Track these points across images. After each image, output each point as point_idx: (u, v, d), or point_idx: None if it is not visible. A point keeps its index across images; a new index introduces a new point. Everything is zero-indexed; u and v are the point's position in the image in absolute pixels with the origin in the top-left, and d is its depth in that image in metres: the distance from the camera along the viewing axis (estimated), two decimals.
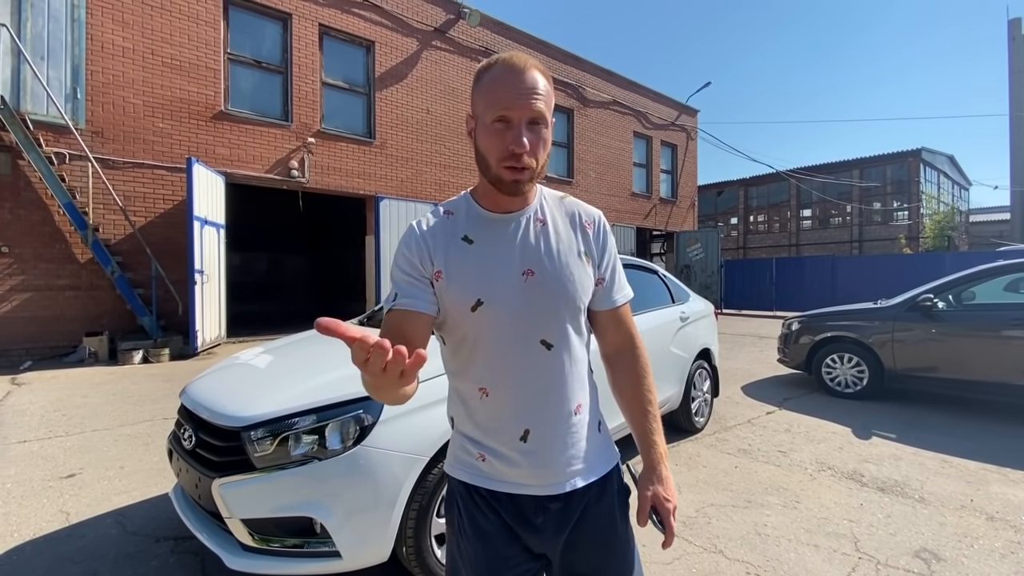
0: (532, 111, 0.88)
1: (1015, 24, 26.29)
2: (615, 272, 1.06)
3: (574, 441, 0.98)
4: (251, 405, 2.02)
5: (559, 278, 0.97)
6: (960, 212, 30.42)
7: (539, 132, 0.91)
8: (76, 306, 7.59)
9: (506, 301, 0.95)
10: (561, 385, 0.97)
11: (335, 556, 1.84)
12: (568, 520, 0.98)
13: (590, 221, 1.05)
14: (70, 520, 2.73)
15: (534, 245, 0.98)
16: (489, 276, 0.96)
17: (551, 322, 0.97)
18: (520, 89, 0.88)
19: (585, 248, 1.02)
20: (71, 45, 7.51)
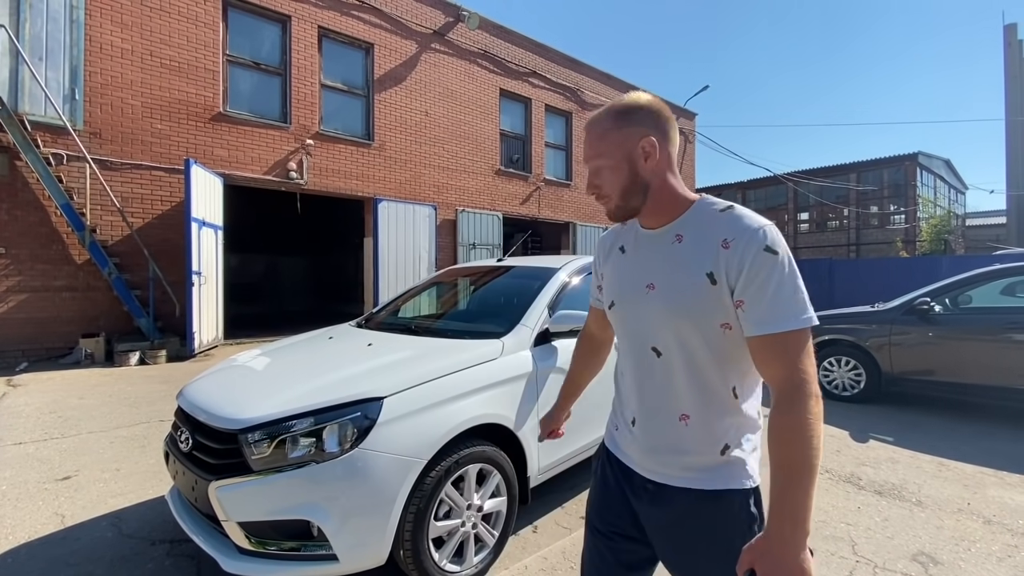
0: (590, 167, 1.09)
1: (1011, 30, 26.46)
2: (762, 294, 0.93)
3: (676, 445, 1.05)
4: (248, 407, 2.01)
5: (671, 294, 1.02)
6: (956, 216, 30.53)
7: (603, 175, 1.07)
8: (73, 307, 7.56)
9: (629, 307, 1.11)
10: (665, 391, 1.05)
11: (332, 559, 1.84)
12: (661, 508, 1.07)
13: (732, 240, 0.96)
14: (65, 523, 2.72)
15: (660, 261, 1.06)
16: (622, 283, 1.13)
17: (662, 332, 1.04)
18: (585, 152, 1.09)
19: (715, 267, 0.97)
20: (70, 46, 7.49)
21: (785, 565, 0.85)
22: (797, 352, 0.91)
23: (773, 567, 0.85)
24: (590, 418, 2.95)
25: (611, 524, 1.16)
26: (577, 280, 3.19)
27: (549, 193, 14.36)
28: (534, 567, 2.34)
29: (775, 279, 0.93)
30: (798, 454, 0.87)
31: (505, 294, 3.46)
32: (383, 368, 2.25)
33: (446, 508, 2.12)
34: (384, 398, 2.00)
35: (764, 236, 0.95)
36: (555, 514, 2.86)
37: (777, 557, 0.85)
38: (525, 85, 13.64)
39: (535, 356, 2.60)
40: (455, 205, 12.22)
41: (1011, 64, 26.29)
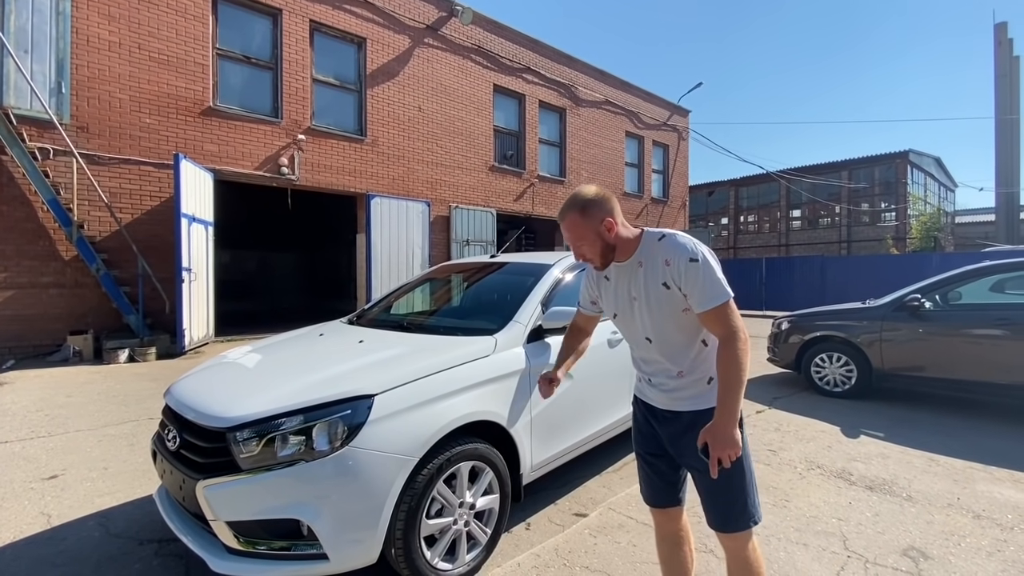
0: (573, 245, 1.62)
1: (1001, 28, 26.66)
2: (695, 288, 1.46)
3: (678, 387, 1.61)
4: (237, 405, 1.98)
5: (648, 302, 1.57)
6: (946, 213, 30.80)
7: (584, 248, 1.59)
8: (60, 304, 7.46)
9: (626, 314, 1.67)
10: (662, 361, 1.62)
11: (322, 559, 1.82)
12: (676, 428, 1.62)
13: (670, 260, 1.49)
14: (52, 522, 2.68)
15: (634, 281, 1.60)
16: (617, 300, 1.69)
17: (649, 327, 1.60)
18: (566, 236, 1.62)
19: (665, 279, 1.51)
20: (56, 39, 7.37)
21: (724, 434, 1.40)
22: (726, 316, 1.46)
23: (717, 436, 1.41)
24: (581, 418, 2.96)
25: (646, 448, 1.75)
26: (570, 276, 3.18)
27: (543, 190, 14.33)
28: (527, 564, 2.33)
29: (700, 277, 1.46)
30: (733, 375, 1.43)
31: (498, 291, 3.44)
32: (374, 365, 2.23)
33: (438, 506, 2.10)
34: (375, 395, 1.97)
35: (687, 251, 1.48)
36: (548, 511, 2.85)
37: (720, 431, 1.41)
38: (519, 81, 13.59)
39: (528, 353, 2.59)
40: (449, 201, 12.18)
41: (1001, 62, 26.50)
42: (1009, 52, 26.39)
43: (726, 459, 1.40)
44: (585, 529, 2.65)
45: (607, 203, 1.55)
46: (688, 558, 1.76)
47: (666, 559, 1.78)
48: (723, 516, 1.55)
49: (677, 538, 1.75)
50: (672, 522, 1.75)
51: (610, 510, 2.86)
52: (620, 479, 3.28)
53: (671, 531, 1.76)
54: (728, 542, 1.58)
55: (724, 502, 1.54)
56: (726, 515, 1.54)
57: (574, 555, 2.41)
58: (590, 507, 2.90)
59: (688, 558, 1.76)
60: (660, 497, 1.73)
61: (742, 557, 1.56)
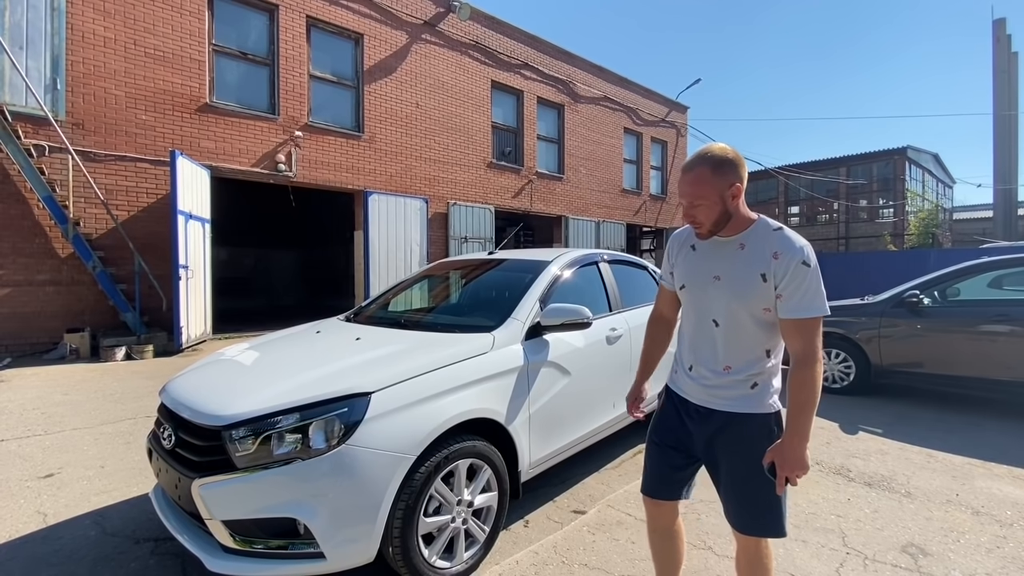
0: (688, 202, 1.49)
1: (1000, 24, 26.64)
2: (796, 292, 1.40)
3: (720, 384, 1.54)
4: (233, 403, 1.96)
5: (733, 285, 1.48)
6: (944, 210, 30.82)
7: (699, 209, 1.47)
8: (57, 302, 7.43)
9: (698, 290, 1.58)
10: (717, 349, 1.54)
11: (319, 557, 1.81)
12: (708, 427, 1.56)
13: (780, 253, 1.42)
14: (47, 521, 2.66)
15: (726, 260, 1.51)
16: (694, 273, 1.59)
17: (721, 310, 1.51)
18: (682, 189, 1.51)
19: (766, 270, 1.43)
20: (51, 34, 7.32)
21: (795, 456, 1.38)
22: (812, 332, 1.41)
23: (786, 457, 1.39)
24: (579, 416, 2.95)
25: (665, 439, 1.69)
26: (568, 273, 3.17)
27: (541, 186, 14.30)
28: (525, 562, 2.32)
29: (805, 283, 1.40)
30: (807, 396, 1.39)
31: (496, 287, 3.43)
32: (371, 363, 2.21)
33: (436, 504, 2.09)
34: (372, 393, 1.96)
35: (802, 253, 1.41)
36: (546, 508, 2.85)
37: (790, 452, 1.39)
38: (517, 77, 13.54)
39: (526, 350, 2.57)
40: (447, 198, 12.14)
41: (999, 58, 26.48)
42: (1007, 48, 26.38)
43: (794, 479, 1.39)
44: (584, 526, 2.65)
45: (741, 168, 1.46)
46: (680, 550, 1.77)
47: (658, 551, 1.79)
48: (756, 519, 1.51)
49: (670, 532, 1.76)
50: (666, 516, 1.73)
51: (609, 507, 2.85)
52: (619, 476, 3.27)
53: (664, 525, 1.75)
54: (747, 542, 1.56)
55: (757, 510, 1.50)
56: (760, 519, 1.51)
57: (572, 552, 2.40)
58: (588, 504, 2.89)
59: (680, 550, 1.77)
60: (663, 490, 1.70)
61: (757, 553, 1.56)
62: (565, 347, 2.78)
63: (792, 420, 1.41)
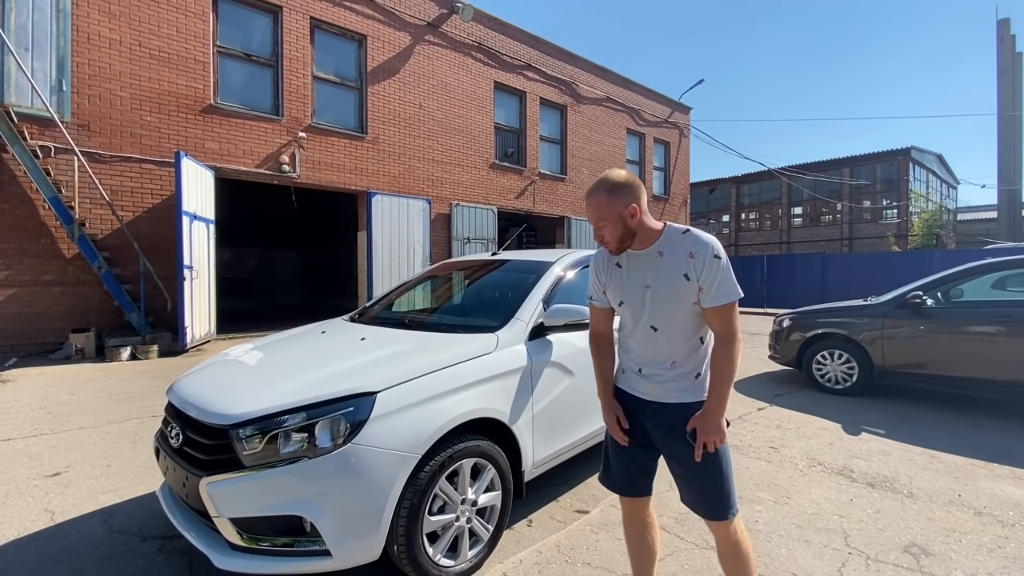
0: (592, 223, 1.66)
1: (1004, 25, 26.56)
2: (713, 283, 1.55)
3: (671, 378, 1.67)
4: (240, 403, 1.98)
5: (663, 291, 1.62)
6: (948, 210, 30.73)
7: (605, 230, 1.62)
8: (62, 302, 7.48)
9: (635, 301, 1.69)
10: (660, 350, 1.67)
11: (325, 555, 1.82)
12: (664, 419, 1.68)
13: (695, 252, 1.58)
14: (55, 519, 2.69)
15: (651, 270, 1.64)
16: (627, 287, 1.71)
17: (658, 315, 1.65)
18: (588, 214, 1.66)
19: (687, 270, 1.58)
20: (56, 36, 7.37)
21: (714, 423, 1.55)
22: (731, 315, 1.58)
23: (706, 423, 1.56)
24: (582, 415, 2.96)
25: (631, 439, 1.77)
26: (572, 274, 3.18)
27: (544, 187, 14.32)
28: (528, 560, 2.34)
29: (720, 274, 1.56)
30: (727, 369, 1.57)
31: (500, 288, 3.44)
32: (376, 363, 2.23)
33: (440, 503, 2.10)
34: (377, 393, 1.98)
35: (713, 248, 1.57)
36: (550, 507, 2.86)
37: (710, 420, 1.56)
38: (520, 78, 13.57)
39: (530, 350, 2.59)
40: (449, 199, 12.17)
41: (1004, 59, 26.41)
42: (1012, 48, 26.30)
43: (711, 445, 1.55)
44: (587, 526, 2.66)
45: (635, 190, 1.60)
46: (654, 541, 1.86)
47: (634, 543, 1.88)
48: (710, 505, 1.65)
49: (645, 523, 1.85)
50: (641, 509, 1.84)
51: (612, 507, 2.86)
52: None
53: (640, 517, 1.85)
54: (717, 528, 1.69)
55: (708, 493, 1.64)
56: (714, 504, 1.65)
57: (576, 551, 2.42)
58: (592, 504, 2.91)
59: (654, 541, 1.86)
60: (633, 487, 1.81)
61: (732, 540, 1.68)
62: (568, 347, 2.79)
63: (712, 391, 1.58)
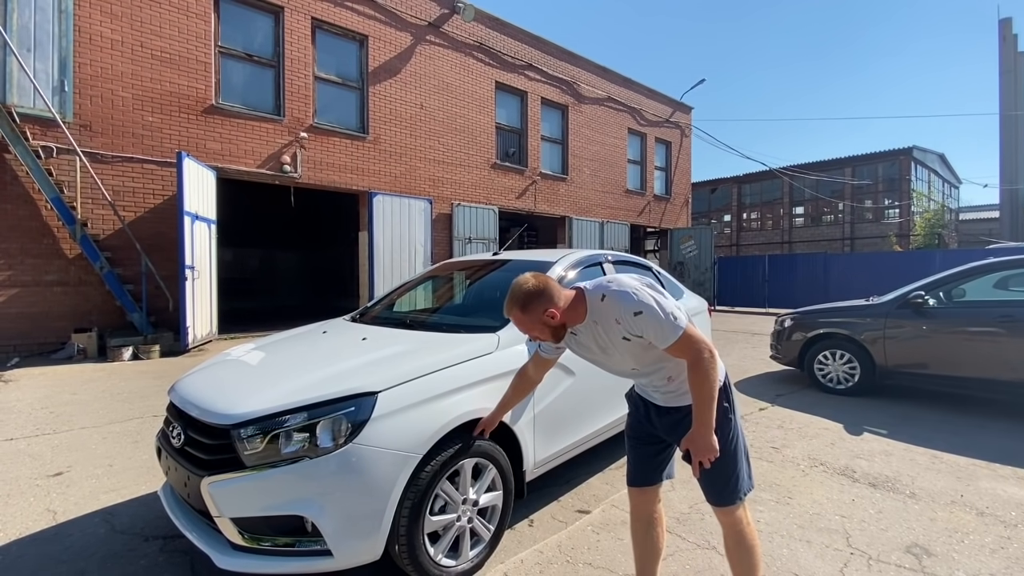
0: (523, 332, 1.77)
1: (1006, 24, 26.51)
2: (650, 333, 1.59)
3: (673, 389, 1.77)
4: (241, 402, 1.99)
5: (620, 351, 1.70)
6: (950, 210, 30.67)
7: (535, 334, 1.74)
8: (64, 302, 7.49)
9: (600, 361, 1.83)
10: (650, 377, 1.79)
11: (327, 555, 1.83)
12: (671, 417, 1.80)
13: (619, 319, 1.61)
14: (57, 519, 2.69)
15: (600, 336, 1.70)
16: (587, 351, 1.82)
17: (630, 363, 1.75)
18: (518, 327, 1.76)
19: (623, 334, 1.63)
20: (58, 37, 7.39)
21: (704, 443, 1.58)
22: (683, 345, 1.59)
23: (696, 443, 1.60)
24: (586, 415, 2.96)
25: (639, 436, 1.94)
26: (573, 274, 3.18)
27: (545, 187, 14.32)
28: (530, 561, 2.34)
29: (651, 326, 1.59)
30: (704, 392, 1.58)
31: (501, 288, 3.41)
32: (377, 362, 2.23)
33: (441, 503, 2.10)
34: (378, 393, 1.98)
35: (629, 305, 1.59)
36: (551, 508, 2.86)
37: (700, 440, 1.59)
38: (521, 78, 13.57)
39: (531, 350, 2.58)
40: (451, 199, 12.17)
41: (1005, 58, 26.36)
42: (1014, 48, 26.25)
43: (706, 462, 1.59)
44: (588, 526, 2.66)
45: (546, 292, 1.64)
46: (660, 538, 1.92)
47: (640, 539, 1.92)
48: (716, 493, 1.74)
49: (651, 519, 1.91)
50: (650, 503, 1.91)
51: (613, 507, 2.86)
52: (622, 476, 3.25)
53: (647, 512, 1.91)
54: (722, 516, 1.76)
55: (714, 482, 1.72)
56: (719, 492, 1.73)
57: (577, 552, 2.41)
58: (593, 504, 2.91)
59: (660, 538, 1.92)
60: (647, 477, 1.91)
61: (736, 530, 1.74)
62: None
63: (695, 412, 1.61)
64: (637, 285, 1.65)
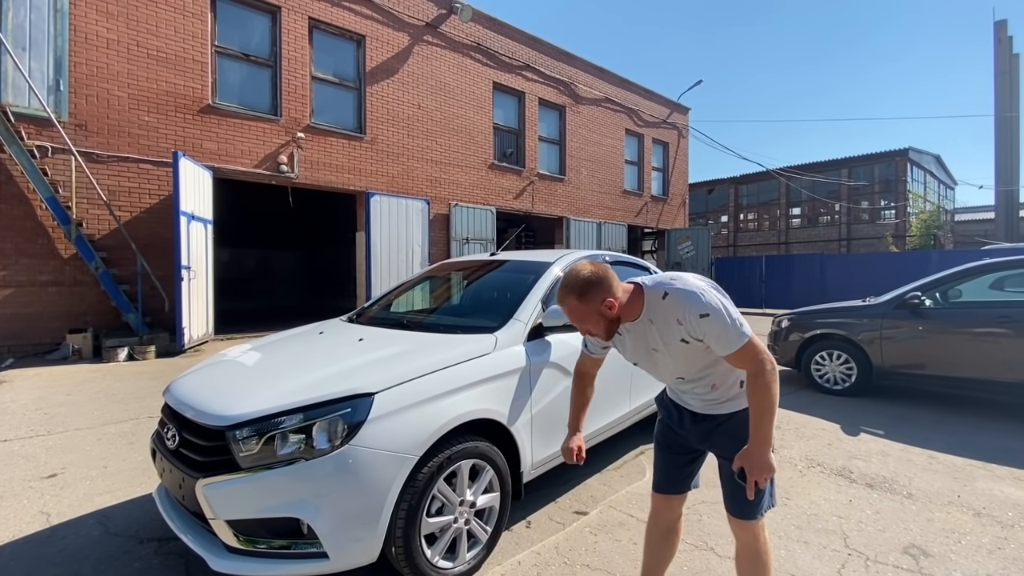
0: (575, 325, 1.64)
1: (1001, 26, 26.64)
2: (712, 338, 1.50)
3: (715, 397, 1.70)
4: (236, 404, 1.97)
5: (671, 353, 1.62)
6: (946, 211, 30.78)
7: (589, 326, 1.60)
8: (59, 302, 7.45)
9: (648, 363, 1.75)
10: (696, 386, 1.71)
11: (322, 557, 1.81)
12: (707, 425, 1.74)
13: (682, 319, 1.52)
14: (51, 521, 2.67)
15: (649, 335, 1.62)
16: (635, 351, 1.74)
17: (678, 370, 1.68)
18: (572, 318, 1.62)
19: (682, 336, 1.54)
20: (54, 36, 7.35)
21: (762, 460, 1.50)
22: (747, 355, 1.49)
23: (753, 461, 1.51)
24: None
25: (670, 443, 1.87)
26: None
27: (543, 187, 14.31)
28: (527, 562, 2.33)
29: (716, 329, 1.49)
30: (764, 406, 1.49)
31: (498, 288, 3.43)
32: (374, 363, 2.22)
33: (438, 504, 2.09)
34: (375, 394, 1.97)
35: (697, 307, 1.49)
36: (548, 509, 2.85)
37: (757, 458, 1.50)
38: (518, 79, 13.56)
39: (528, 351, 2.58)
40: (448, 199, 12.16)
41: (1001, 60, 26.48)
42: (1009, 49, 26.38)
43: (762, 482, 1.50)
44: (586, 527, 2.65)
45: (604, 281, 1.54)
46: (673, 547, 1.91)
47: (655, 544, 1.90)
48: (739, 505, 1.65)
49: (672, 527, 1.88)
50: (672, 511, 1.87)
51: (611, 508, 2.86)
52: (621, 477, 3.28)
53: (669, 519, 1.88)
54: (739, 530, 1.69)
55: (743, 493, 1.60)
56: (742, 504, 1.64)
57: (575, 553, 2.41)
58: (591, 505, 2.90)
59: (673, 547, 1.91)
60: (675, 485, 1.85)
61: (753, 547, 1.67)
62: (567, 348, 2.78)
63: (755, 428, 1.52)
64: (704, 286, 1.55)
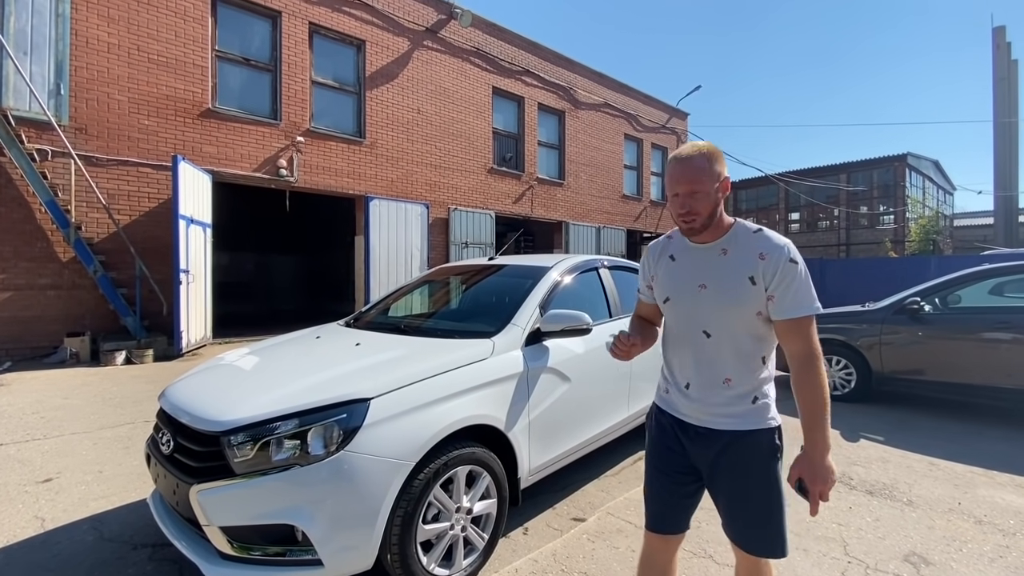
0: (686, 192, 1.37)
1: (999, 32, 26.76)
2: (787, 291, 1.34)
3: (722, 401, 1.43)
4: (232, 409, 1.96)
5: (722, 292, 1.40)
6: (945, 216, 30.81)
7: (697, 199, 1.36)
8: (57, 306, 7.43)
9: (684, 301, 1.48)
10: (714, 362, 1.43)
11: (317, 564, 1.79)
12: (711, 447, 1.45)
13: (767, 253, 1.36)
14: (45, 526, 2.65)
15: (711, 268, 1.43)
16: (676, 283, 1.50)
17: (712, 320, 1.42)
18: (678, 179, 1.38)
19: (754, 273, 1.36)
20: (55, 40, 7.36)
21: (822, 467, 1.35)
22: (809, 330, 1.36)
23: (815, 470, 1.36)
24: (582, 421, 2.94)
25: (670, 465, 1.54)
26: (569, 279, 3.17)
27: (542, 192, 14.33)
28: (525, 570, 2.31)
29: (796, 282, 1.34)
30: (819, 399, 1.35)
31: (496, 293, 3.42)
32: (371, 368, 2.21)
33: (434, 511, 2.08)
34: (371, 399, 1.95)
35: (788, 252, 1.36)
36: (546, 515, 2.83)
37: (815, 463, 1.36)
38: (518, 83, 13.60)
39: (526, 356, 2.57)
40: (447, 203, 12.17)
41: (999, 66, 26.58)
42: (1007, 55, 26.48)
43: (826, 495, 1.35)
44: (583, 534, 2.63)
45: (725, 164, 1.41)
46: None
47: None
48: (758, 539, 1.45)
49: (666, 569, 1.59)
50: (668, 552, 1.58)
51: (608, 515, 2.84)
52: (618, 483, 3.26)
53: (663, 561, 1.59)
54: (747, 561, 1.49)
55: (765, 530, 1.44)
56: (761, 538, 1.44)
57: (572, 560, 2.39)
58: (588, 512, 2.88)
59: None
60: (671, 523, 1.55)
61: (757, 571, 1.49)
62: (565, 353, 2.77)
63: (810, 429, 1.37)
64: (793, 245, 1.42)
